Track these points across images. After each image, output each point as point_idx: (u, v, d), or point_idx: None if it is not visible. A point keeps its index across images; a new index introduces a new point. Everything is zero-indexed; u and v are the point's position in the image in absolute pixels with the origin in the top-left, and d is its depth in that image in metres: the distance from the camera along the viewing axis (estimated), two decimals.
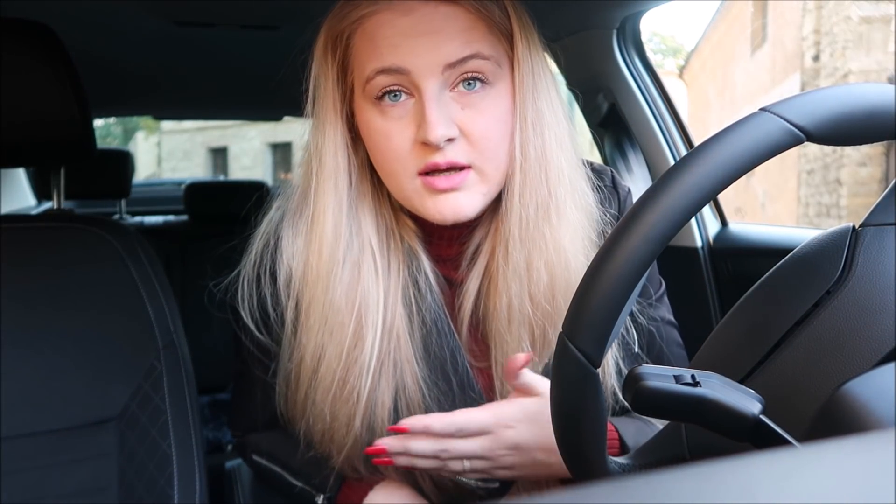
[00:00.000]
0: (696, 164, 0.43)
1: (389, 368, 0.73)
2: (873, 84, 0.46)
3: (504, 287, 0.72)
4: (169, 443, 0.90)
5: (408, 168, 0.68)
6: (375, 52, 0.67)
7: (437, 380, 0.74)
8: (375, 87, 0.68)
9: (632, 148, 1.49)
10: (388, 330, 0.73)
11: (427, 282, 0.75)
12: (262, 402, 0.82)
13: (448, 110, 0.67)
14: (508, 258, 0.71)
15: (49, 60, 0.88)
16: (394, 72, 0.66)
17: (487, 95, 0.68)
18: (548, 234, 0.71)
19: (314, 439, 0.77)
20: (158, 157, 18.50)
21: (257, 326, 0.78)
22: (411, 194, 0.70)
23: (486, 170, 0.69)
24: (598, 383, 0.47)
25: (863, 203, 7.47)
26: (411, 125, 0.67)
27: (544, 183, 0.71)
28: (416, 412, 0.73)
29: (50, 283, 0.90)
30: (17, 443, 0.84)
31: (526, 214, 0.71)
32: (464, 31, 0.67)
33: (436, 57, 0.66)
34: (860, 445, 0.23)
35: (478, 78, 0.68)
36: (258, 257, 0.77)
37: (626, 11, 1.30)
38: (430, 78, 0.66)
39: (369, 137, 0.70)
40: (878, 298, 0.46)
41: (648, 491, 0.20)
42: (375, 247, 0.73)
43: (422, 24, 0.66)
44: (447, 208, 0.68)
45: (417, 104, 0.67)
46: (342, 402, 0.72)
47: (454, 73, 0.67)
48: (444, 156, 0.67)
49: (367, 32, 0.68)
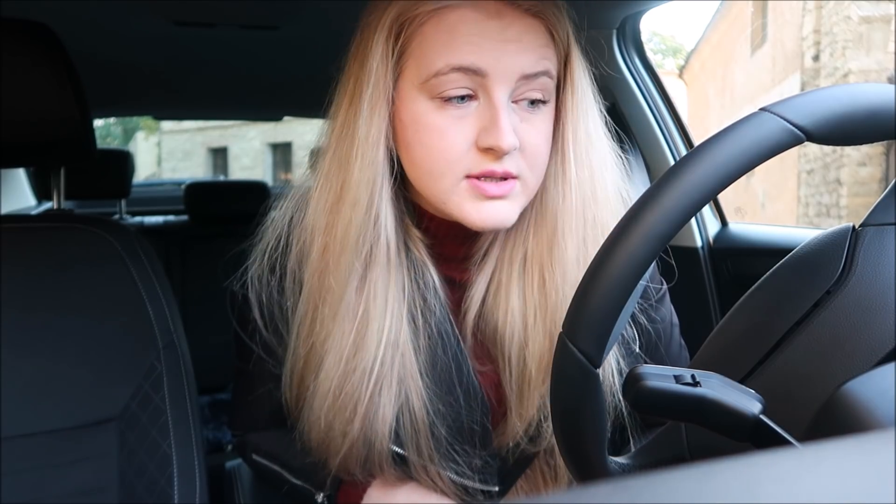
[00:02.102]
0: (696, 164, 0.43)
1: (392, 383, 0.71)
2: (873, 84, 0.46)
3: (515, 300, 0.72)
4: (169, 443, 0.90)
5: (457, 169, 0.67)
6: (453, 47, 0.65)
7: (443, 393, 0.73)
8: (444, 83, 0.65)
9: (631, 148, 1.49)
10: (393, 343, 0.71)
11: (435, 293, 0.74)
12: (263, 402, 0.82)
13: (514, 121, 0.66)
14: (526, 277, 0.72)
15: (49, 60, 0.88)
16: (470, 71, 0.65)
17: (542, 113, 0.69)
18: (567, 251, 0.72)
19: (311, 446, 0.76)
20: (158, 157, 18.50)
21: (264, 323, 0.77)
22: (452, 196, 0.68)
23: (529, 182, 0.69)
24: (599, 383, 0.47)
25: (863, 203, 7.47)
26: (473, 127, 0.66)
27: (593, 202, 0.71)
28: (420, 427, 0.72)
29: (50, 283, 0.90)
30: (17, 443, 0.83)
31: (578, 234, 0.71)
32: (541, 46, 0.67)
33: (515, 65, 0.65)
34: (860, 445, 0.23)
35: (538, 99, 0.68)
36: (268, 255, 0.77)
37: (626, 11, 1.30)
38: (505, 84, 0.65)
39: (417, 132, 0.67)
40: (878, 298, 0.46)
41: (648, 491, 0.20)
42: (391, 240, 0.71)
43: (508, 30, 0.65)
44: (491, 216, 0.68)
45: (482, 108, 0.66)
46: (339, 411, 0.71)
47: (525, 85, 0.67)
48: (503, 165, 0.66)
49: (447, 25, 0.65)
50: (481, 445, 0.75)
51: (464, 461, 0.74)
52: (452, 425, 0.73)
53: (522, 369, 0.73)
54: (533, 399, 0.73)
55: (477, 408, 0.74)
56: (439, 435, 0.73)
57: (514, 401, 0.74)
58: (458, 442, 0.74)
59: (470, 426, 0.74)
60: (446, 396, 0.73)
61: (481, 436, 0.75)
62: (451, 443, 0.74)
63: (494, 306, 0.74)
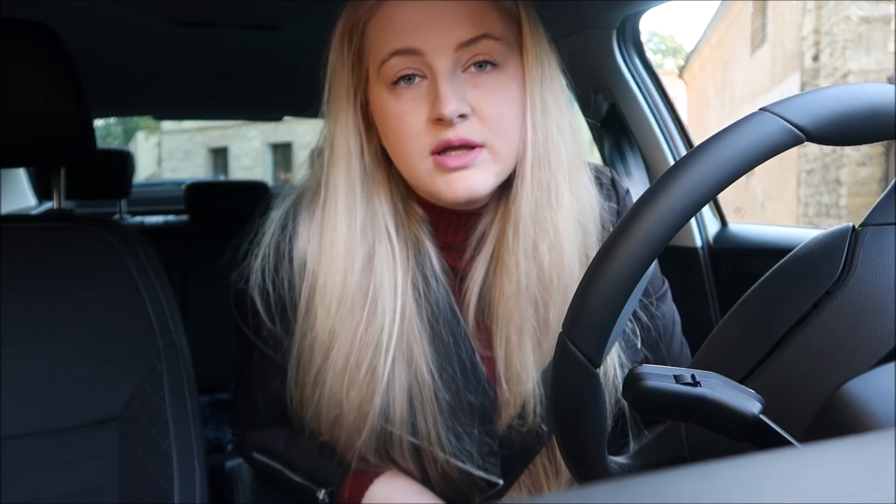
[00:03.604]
0: (695, 164, 0.43)
1: (404, 351, 0.74)
2: (873, 84, 0.46)
3: (514, 267, 0.73)
4: (169, 443, 0.90)
5: (421, 147, 0.69)
6: (391, 34, 0.69)
7: (445, 364, 0.75)
8: (390, 69, 0.69)
9: (631, 148, 1.49)
10: (402, 314, 0.74)
11: (432, 269, 0.76)
12: (264, 399, 0.82)
13: (460, 89, 0.68)
14: (518, 239, 0.73)
15: (49, 60, 0.88)
16: (408, 53, 0.68)
17: (499, 77, 0.70)
18: (549, 216, 0.73)
19: (322, 428, 0.77)
20: (158, 157, 18.50)
21: (269, 314, 0.78)
22: (424, 174, 0.71)
23: (498, 149, 0.70)
24: (599, 383, 0.47)
25: (862, 203, 7.46)
26: (425, 105, 0.69)
27: (547, 168, 0.72)
28: (428, 395, 0.74)
29: (50, 283, 0.90)
30: (17, 443, 0.84)
31: (535, 196, 0.72)
32: (475, 13, 0.69)
33: (448, 37, 0.68)
34: (860, 445, 0.23)
35: (488, 60, 0.69)
36: (274, 242, 0.78)
37: (626, 11, 1.30)
38: (442, 57, 0.68)
39: (384, 121, 0.72)
40: (877, 298, 0.46)
41: (648, 491, 0.20)
42: (392, 232, 0.75)
43: (435, 7, 0.68)
44: (459, 186, 0.69)
45: (430, 84, 0.69)
46: (356, 385, 0.73)
47: (466, 53, 0.69)
48: (457, 132, 0.68)
49: (383, 17, 0.70)
50: (481, 421, 0.76)
51: (467, 438, 0.76)
52: (454, 397, 0.75)
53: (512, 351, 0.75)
54: (522, 377, 0.74)
55: (477, 384, 0.76)
56: (443, 402, 0.75)
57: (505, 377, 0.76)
58: (460, 413, 0.75)
59: (469, 400, 0.76)
60: (448, 368, 0.75)
61: (481, 412, 0.76)
62: (454, 414, 0.75)
63: (494, 286, 0.75)
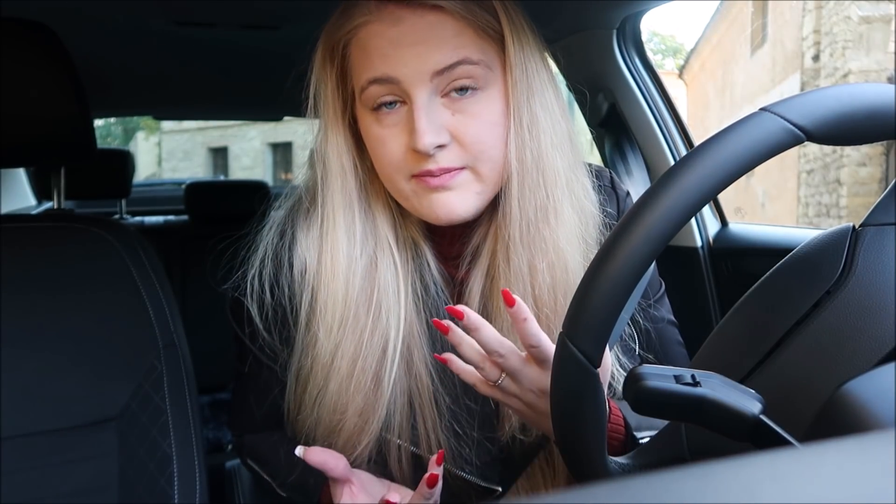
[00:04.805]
0: (696, 164, 0.43)
1: (405, 355, 0.74)
2: (873, 84, 0.46)
3: (509, 288, 0.72)
4: (169, 443, 0.90)
5: (403, 172, 0.70)
6: (367, 62, 0.68)
7: (445, 369, 0.75)
8: (370, 96, 0.69)
9: (631, 149, 1.49)
10: (403, 320, 0.74)
11: (432, 275, 0.76)
12: (261, 403, 0.82)
13: (439, 117, 0.67)
14: (510, 260, 0.72)
15: (49, 60, 0.88)
16: (385, 81, 0.67)
17: (479, 100, 0.69)
18: (547, 235, 0.71)
19: (318, 434, 0.77)
20: (158, 157, 18.50)
21: (266, 324, 0.78)
22: (408, 195, 0.71)
23: (480, 170, 0.70)
24: (598, 383, 0.47)
25: (863, 203, 7.46)
26: (404, 132, 0.68)
27: (542, 186, 0.71)
28: (427, 399, 0.75)
29: (50, 283, 0.90)
30: (17, 443, 0.83)
31: (525, 217, 0.71)
32: (451, 38, 0.67)
33: (423, 65, 0.66)
34: (860, 445, 0.23)
35: (467, 86, 0.68)
36: (272, 251, 0.78)
37: (626, 11, 1.30)
38: (419, 86, 0.67)
39: (368, 142, 0.72)
40: (878, 298, 0.46)
41: (648, 491, 0.20)
42: (392, 239, 0.75)
43: (409, 33, 0.67)
44: (440, 207, 0.69)
45: (409, 111, 0.68)
46: (363, 391, 0.73)
47: (443, 80, 0.67)
48: (437, 163, 0.68)
49: (361, 42, 0.69)
50: (481, 426, 0.76)
51: (466, 443, 0.75)
52: (454, 401, 0.75)
53: None
54: None
55: (475, 394, 0.75)
56: (442, 406, 0.75)
57: None
58: (460, 417, 0.75)
59: (469, 405, 0.76)
60: (448, 372, 0.74)
61: (481, 417, 0.76)
62: (454, 418, 0.75)
63: (491, 302, 0.75)
